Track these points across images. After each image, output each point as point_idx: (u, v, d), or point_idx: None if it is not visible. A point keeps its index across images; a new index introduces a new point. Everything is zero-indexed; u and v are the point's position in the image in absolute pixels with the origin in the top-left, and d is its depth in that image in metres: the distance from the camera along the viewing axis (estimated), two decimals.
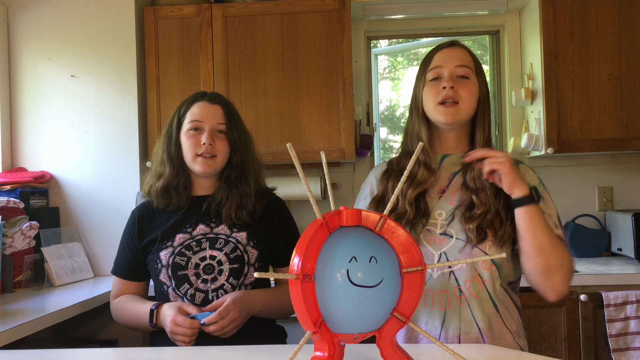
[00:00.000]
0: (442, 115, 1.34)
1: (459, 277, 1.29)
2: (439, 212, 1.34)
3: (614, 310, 2.08)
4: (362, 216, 0.91)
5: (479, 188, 1.31)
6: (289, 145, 0.90)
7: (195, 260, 1.52)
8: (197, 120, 1.56)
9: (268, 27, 2.53)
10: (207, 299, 1.50)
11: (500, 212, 1.29)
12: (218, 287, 1.50)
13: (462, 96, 1.34)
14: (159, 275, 1.54)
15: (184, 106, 1.62)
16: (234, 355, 1.17)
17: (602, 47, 2.42)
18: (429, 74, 1.38)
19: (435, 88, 1.35)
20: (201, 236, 1.54)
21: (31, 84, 2.57)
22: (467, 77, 1.35)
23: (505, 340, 1.30)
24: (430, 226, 1.33)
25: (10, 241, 2.14)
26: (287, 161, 2.51)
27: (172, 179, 1.57)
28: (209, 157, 1.54)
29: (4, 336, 1.51)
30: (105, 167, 2.53)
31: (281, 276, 0.85)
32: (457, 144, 1.40)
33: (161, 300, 1.54)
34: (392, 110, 3.24)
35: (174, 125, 1.61)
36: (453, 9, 2.73)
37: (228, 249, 1.53)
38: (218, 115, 1.57)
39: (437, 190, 1.37)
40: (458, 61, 1.36)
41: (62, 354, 1.28)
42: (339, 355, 0.90)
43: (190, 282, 1.51)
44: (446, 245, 1.31)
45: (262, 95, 2.52)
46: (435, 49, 1.41)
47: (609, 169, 2.74)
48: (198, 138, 1.54)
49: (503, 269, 1.32)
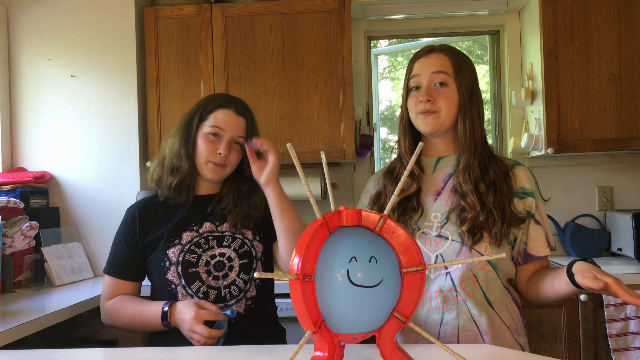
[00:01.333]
0: (423, 125, 1.37)
1: (455, 278, 1.30)
2: (435, 215, 1.35)
3: (614, 310, 2.08)
4: (362, 216, 0.91)
5: (465, 192, 1.33)
6: (289, 145, 0.90)
7: (205, 258, 1.52)
8: (220, 128, 1.54)
9: (268, 27, 2.53)
10: (220, 295, 1.49)
11: (493, 211, 1.30)
12: (230, 283, 1.51)
13: (440, 106, 1.36)
14: (166, 274, 1.52)
15: (209, 107, 1.58)
16: (234, 355, 1.17)
17: (602, 47, 2.42)
18: (410, 82, 1.41)
19: (415, 98, 1.38)
20: (208, 234, 1.54)
21: (31, 84, 2.57)
22: (445, 84, 1.36)
23: (504, 338, 1.31)
24: (425, 228, 1.35)
25: (10, 241, 2.14)
26: (287, 161, 2.49)
27: (187, 177, 1.56)
28: (220, 166, 1.54)
29: (4, 336, 1.51)
30: (105, 167, 2.53)
31: (281, 276, 0.85)
32: (447, 146, 1.42)
33: (166, 299, 1.52)
34: (392, 110, 3.24)
35: (194, 122, 1.57)
36: (453, 9, 2.73)
37: (236, 245, 1.54)
38: (241, 128, 1.57)
39: (432, 192, 1.38)
40: (434, 68, 1.37)
41: (62, 354, 1.28)
42: (339, 355, 0.90)
43: (201, 280, 1.50)
44: (442, 247, 1.32)
45: (262, 95, 2.52)
46: (415, 56, 1.42)
47: (609, 169, 2.73)
48: (215, 145, 1.53)
49: (501, 268, 1.33)
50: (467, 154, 1.36)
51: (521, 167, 1.41)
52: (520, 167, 1.41)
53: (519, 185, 1.36)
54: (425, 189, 1.39)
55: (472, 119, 1.37)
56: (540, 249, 1.36)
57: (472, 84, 1.39)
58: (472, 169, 1.34)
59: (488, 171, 1.35)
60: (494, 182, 1.34)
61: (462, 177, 1.34)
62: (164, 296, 1.54)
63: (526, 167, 1.42)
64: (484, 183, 1.33)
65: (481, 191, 1.32)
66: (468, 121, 1.36)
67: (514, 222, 1.33)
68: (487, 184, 1.33)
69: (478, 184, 1.33)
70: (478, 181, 1.33)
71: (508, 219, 1.31)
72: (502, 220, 1.30)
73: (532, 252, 1.36)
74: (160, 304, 1.48)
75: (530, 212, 1.35)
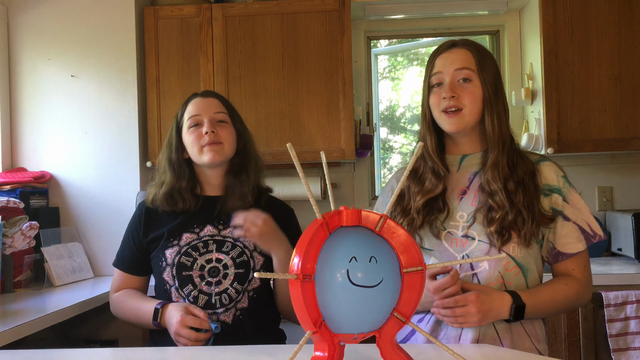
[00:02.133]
0: (447, 124, 1.33)
1: (482, 280, 1.27)
2: (460, 214, 1.32)
3: (614, 310, 2.08)
4: (362, 216, 0.91)
5: (493, 191, 1.29)
6: (289, 145, 0.90)
7: (201, 262, 1.50)
8: (195, 114, 1.55)
9: (268, 27, 2.53)
10: (210, 302, 1.48)
11: (522, 211, 1.27)
12: (222, 291, 1.49)
13: (465, 103, 1.31)
14: (162, 274, 1.53)
15: (180, 110, 1.62)
16: (234, 355, 1.17)
17: (602, 47, 2.42)
18: (432, 79, 1.36)
19: (438, 95, 1.34)
20: (208, 237, 1.53)
21: (31, 84, 2.57)
22: (469, 79, 1.32)
23: (522, 343, 1.28)
24: (451, 228, 1.32)
25: (10, 241, 2.14)
26: (287, 161, 2.51)
27: (175, 182, 1.55)
28: (214, 144, 1.52)
29: (4, 336, 1.51)
30: (105, 167, 2.53)
31: (281, 276, 0.85)
32: (472, 144, 1.38)
33: (163, 298, 1.53)
34: (392, 110, 3.24)
35: (173, 132, 1.60)
36: (453, 9, 2.73)
37: (235, 253, 1.51)
38: (214, 105, 1.57)
39: (458, 191, 1.35)
40: (457, 64, 1.32)
41: (62, 354, 1.28)
42: (339, 355, 0.90)
43: (194, 284, 1.49)
44: (468, 248, 1.29)
45: (262, 95, 2.52)
46: (436, 52, 1.38)
47: (609, 169, 2.73)
48: (199, 131, 1.53)
49: (529, 270, 1.30)
50: (496, 150, 1.31)
51: (546, 162, 1.37)
52: (546, 162, 1.37)
53: (544, 182, 1.33)
54: (450, 189, 1.35)
55: (499, 113, 1.33)
56: (572, 245, 1.31)
57: (495, 78, 1.35)
58: (501, 167, 1.30)
59: (517, 169, 1.31)
60: (523, 180, 1.30)
61: (490, 175, 1.30)
62: (160, 295, 1.55)
63: (552, 162, 1.38)
64: (513, 181, 1.29)
65: (510, 189, 1.28)
66: (495, 116, 1.32)
67: (543, 222, 1.29)
68: (515, 182, 1.29)
69: (507, 182, 1.29)
70: (507, 179, 1.29)
71: (537, 219, 1.28)
72: (532, 220, 1.26)
73: (563, 250, 1.32)
74: (155, 302, 1.49)
75: (556, 210, 1.31)
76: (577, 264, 1.34)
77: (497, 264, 1.27)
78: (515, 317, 1.22)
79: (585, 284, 1.34)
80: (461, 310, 1.15)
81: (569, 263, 1.33)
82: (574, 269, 1.33)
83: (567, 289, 1.30)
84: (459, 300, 1.16)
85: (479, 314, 1.14)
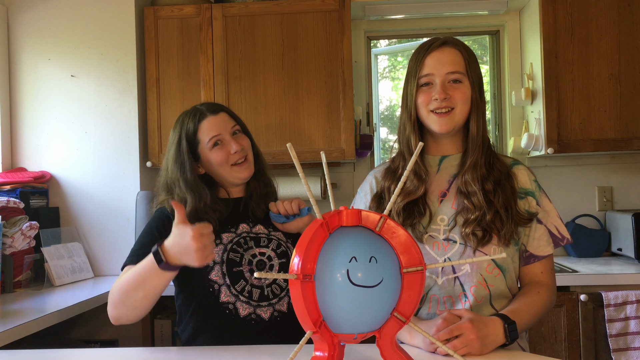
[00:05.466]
0: (437, 124, 1.33)
1: (464, 283, 1.28)
2: (441, 218, 1.32)
3: (614, 310, 2.08)
4: (362, 216, 0.91)
5: (471, 192, 1.30)
6: (289, 145, 0.90)
7: (247, 257, 1.52)
8: (216, 135, 1.55)
9: (268, 27, 2.53)
10: (263, 294, 1.48)
11: (500, 211, 1.28)
12: (272, 282, 1.51)
13: (456, 102, 1.32)
14: (209, 274, 1.48)
15: (186, 127, 1.57)
16: (234, 355, 1.17)
17: (602, 47, 2.42)
18: (422, 79, 1.34)
19: (427, 95, 1.33)
20: (245, 234, 1.55)
21: (31, 84, 2.57)
22: (460, 81, 1.33)
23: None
24: (433, 232, 1.32)
25: (10, 241, 2.14)
26: (287, 161, 2.51)
27: (197, 203, 1.52)
28: (244, 161, 1.57)
29: (4, 336, 1.51)
30: (105, 167, 2.53)
31: (281, 276, 0.85)
32: (453, 145, 1.39)
33: (205, 303, 1.47)
34: (392, 110, 3.24)
35: (183, 149, 1.55)
36: (453, 9, 2.73)
37: (274, 245, 1.55)
38: (227, 120, 1.59)
39: (437, 193, 1.35)
40: (449, 67, 1.32)
41: (62, 354, 1.28)
42: (339, 355, 0.90)
43: (245, 279, 1.49)
44: (450, 251, 1.30)
45: (262, 95, 2.52)
46: (425, 50, 1.35)
47: (609, 169, 2.73)
48: (226, 149, 1.55)
49: (508, 270, 1.31)
50: (477, 152, 1.32)
51: (520, 165, 1.39)
52: (519, 166, 1.39)
53: (520, 185, 1.34)
54: (430, 190, 1.35)
55: (483, 114, 1.35)
56: (543, 248, 1.34)
57: (480, 79, 1.36)
58: (480, 168, 1.31)
59: (493, 170, 1.33)
60: (500, 180, 1.31)
61: (469, 176, 1.31)
62: (201, 298, 1.49)
63: (524, 165, 1.40)
64: (491, 182, 1.30)
65: (488, 190, 1.29)
66: (481, 118, 1.34)
67: (521, 222, 1.30)
68: (493, 183, 1.30)
69: (485, 183, 1.30)
70: (485, 180, 1.30)
71: (515, 219, 1.29)
72: (511, 220, 1.27)
73: (536, 252, 1.34)
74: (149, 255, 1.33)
75: (531, 212, 1.33)
76: (546, 267, 1.36)
77: (478, 266, 1.28)
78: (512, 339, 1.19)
79: (553, 287, 1.37)
80: (460, 341, 1.13)
81: (539, 266, 1.35)
82: (542, 272, 1.35)
83: (541, 297, 1.31)
84: (454, 330, 1.14)
85: (478, 340, 1.12)
